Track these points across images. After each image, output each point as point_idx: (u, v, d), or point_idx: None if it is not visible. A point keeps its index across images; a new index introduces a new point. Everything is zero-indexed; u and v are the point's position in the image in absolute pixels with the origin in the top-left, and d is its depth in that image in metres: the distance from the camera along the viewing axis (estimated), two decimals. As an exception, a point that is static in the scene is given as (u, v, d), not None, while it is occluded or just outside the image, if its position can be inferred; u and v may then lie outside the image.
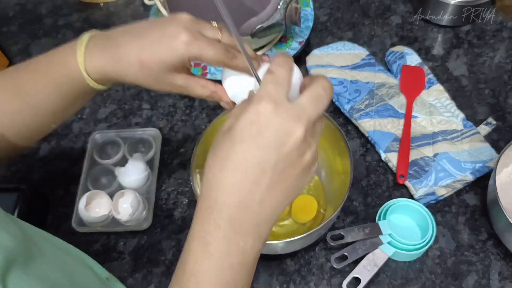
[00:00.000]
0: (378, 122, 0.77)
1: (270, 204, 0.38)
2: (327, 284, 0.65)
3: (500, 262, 0.66)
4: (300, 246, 0.64)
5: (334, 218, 0.61)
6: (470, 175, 0.71)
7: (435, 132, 0.76)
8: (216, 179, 0.38)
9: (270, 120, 0.36)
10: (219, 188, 0.37)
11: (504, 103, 0.81)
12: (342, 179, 0.66)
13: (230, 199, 0.37)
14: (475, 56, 0.87)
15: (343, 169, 0.66)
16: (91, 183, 0.73)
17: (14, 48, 0.94)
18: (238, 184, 0.37)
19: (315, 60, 0.85)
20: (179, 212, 0.72)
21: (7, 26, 0.98)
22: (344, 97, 0.80)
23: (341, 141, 0.64)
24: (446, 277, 0.65)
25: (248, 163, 0.37)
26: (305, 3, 0.90)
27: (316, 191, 0.72)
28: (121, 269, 0.68)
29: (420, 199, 0.70)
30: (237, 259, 0.38)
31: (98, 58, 0.47)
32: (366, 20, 0.94)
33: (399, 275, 0.66)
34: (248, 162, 0.37)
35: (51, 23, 0.98)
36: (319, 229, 0.58)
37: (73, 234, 0.70)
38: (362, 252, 0.64)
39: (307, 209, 0.70)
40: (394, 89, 0.81)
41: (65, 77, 0.48)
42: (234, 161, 0.37)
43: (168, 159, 0.78)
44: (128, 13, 0.98)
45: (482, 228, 0.69)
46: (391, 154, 0.74)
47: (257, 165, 0.37)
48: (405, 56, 0.85)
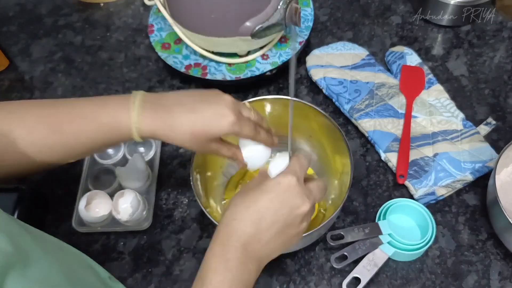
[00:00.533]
0: (378, 122, 0.77)
1: (272, 247, 0.49)
2: (327, 284, 0.65)
3: (500, 262, 0.66)
4: (300, 246, 0.64)
5: (334, 218, 0.61)
6: (470, 175, 0.71)
7: (435, 132, 0.76)
8: (239, 213, 0.48)
9: (293, 188, 0.48)
10: (241, 220, 0.48)
11: (504, 103, 0.81)
12: (342, 179, 0.66)
13: (248, 230, 0.47)
14: (475, 56, 0.87)
15: (343, 169, 0.66)
16: (91, 183, 0.73)
17: (14, 48, 0.94)
18: (257, 222, 0.48)
19: (315, 60, 0.85)
20: (179, 212, 0.72)
21: (7, 26, 0.98)
22: (344, 97, 0.80)
23: (341, 141, 0.64)
24: (446, 277, 0.65)
25: (268, 210, 0.48)
26: (305, 3, 0.90)
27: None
28: (121, 269, 0.68)
29: (420, 199, 0.70)
30: (246, 277, 0.47)
31: (151, 121, 0.53)
32: (366, 20, 0.94)
33: (399, 275, 0.66)
34: (269, 209, 0.48)
35: (51, 23, 0.98)
36: (319, 229, 0.58)
37: (73, 234, 0.70)
38: (362, 252, 0.64)
39: None
40: (394, 89, 0.81)
41: (112, 128, 0.53)
42: (258, 205, 0.48)
43: (168, 159, 0.78)
44: (128, 13, 0.98)
45: (482, 228, 0.69)
46: (391, 154, 0.74)
47: (274, 214, 0.48)
48: (405, 56, 0.85)
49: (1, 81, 0.90)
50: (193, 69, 0.83)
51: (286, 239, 0.50)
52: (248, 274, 0.47)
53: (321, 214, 0.70)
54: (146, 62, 0.91)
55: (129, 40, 0.94)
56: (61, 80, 0.89)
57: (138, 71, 0.89)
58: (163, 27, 0.88)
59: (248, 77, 0.81)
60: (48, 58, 0.93)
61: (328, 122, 0.66)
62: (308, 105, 0.67)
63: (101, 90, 0.87)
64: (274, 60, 0.83)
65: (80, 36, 0.95)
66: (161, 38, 0.87)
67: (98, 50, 0.93)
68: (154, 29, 0.88)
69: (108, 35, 0.95)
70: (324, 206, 0.70)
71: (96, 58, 0.92)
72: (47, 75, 0.90)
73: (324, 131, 0.68)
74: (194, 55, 0.85)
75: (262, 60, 0.83)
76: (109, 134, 0.54)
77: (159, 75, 0.88)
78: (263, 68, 0.82)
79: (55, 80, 0.89)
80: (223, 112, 0.53)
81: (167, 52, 0.85)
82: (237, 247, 0.47)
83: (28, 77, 0.90)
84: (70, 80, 0.89)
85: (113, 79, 0.89)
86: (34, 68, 0.91)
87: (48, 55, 0.93)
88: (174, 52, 0.85)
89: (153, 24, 0.89)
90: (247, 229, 0.47)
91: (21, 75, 0.91)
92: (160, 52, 0.85)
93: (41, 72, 0.91)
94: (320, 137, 0.70)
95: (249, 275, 0.48)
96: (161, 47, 0.85)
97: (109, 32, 0.96)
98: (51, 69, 0.91)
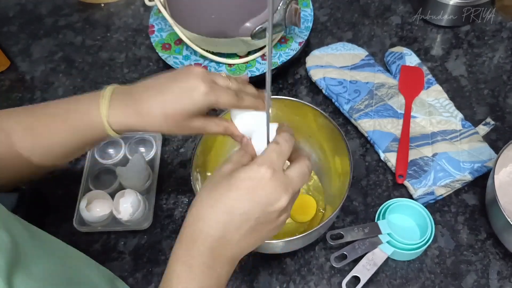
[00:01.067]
0: (378, 122, 0.77)
1: (244, 245, 0.46)
2: (327, 283, 0.66)
3: (499, 261, 0.66)
4: (299, 246, 0.65)
5: (334, 217, 0.61)
6: (469, 175, 0.71)
7: (434, 132, 0.76)
8: (205, 213, 0.44)
9: (266, 183, 0.43)
10: (205, 221, 0.44)
11: (503, 103, 0.81)
12: (341, 179, 0.66)
13: (214, 233, 0.44)
14: (474, 56, 0.87)
15: (343, 169, 0.66)
16: (92, 183, 0.74)
17: (15, 49, 0.95)
18: (223, 223, 0.43)
19: (315, 60, 0.86)
20: (179, 212, 0.73)
21: (7, 26, 0.98)
22: (343, 97, 0.80)
23: (341, 142, 0.64)
24: (446, 277, 0.65)
25: (237, 210, 0.43)
26: (304, 4, 0.90)
27: (315, 192, 0.72)
28: (121, 269, 0.68)
29: (419, 199, 0.70)
30: (214, 281, 0.45)
31: (121, 113, 0.51)
32: (366, 20, 0.94)
33: (398, 274, 0.66)
34: (237, 209, 0.43)
35: (51, 24, 0.98)
36: (319, 228, 0.59)
37: (73, 234, 0.70)
38: (362, 251, 0.65)
39: (306, 209, 0.70)
40: (393, 89, 0.81)
41: (85, 125, 0.52)
42: (225, 204, 0.43)
43: (169, 159, 0.78)
44: (128, 14, 0.99)
45: (481, 227, 0.69)
46: (390, 154, 0.75)
47: (243, 214, 0.43)
48: (404, 57, 0.85)
49: (2, 81, 0.90)
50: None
51: (261, 236, 0.46)
52: (216, 279, 0.45)
53: (320, 214, 0.70)
54: (147, 62, 0.91)
55: (129, 41, 0.94)
56: (62, 80, 0.89)
57: (138, 71, 0.90)
58: (163, 28, 0.88)
59: (248, 77, 0.81)
60: (49, 58, 0.93)
61: (327, 122, 0.66)
62: (307, 105, 0.67)
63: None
64: (273, 60, 0.83)
65: (81, 37, 0.96)
66: (161, 38, 0.87)
67: (98, 51, 0.93)
68: (155, 30, 0.88)
69: (109, 36, 0.95)
70: (323, 206, 0.71)
71: (97, 59, 0.92)
72: (48, 75, 0.90)
73: (324, 131, 0.68)
74: (194, 55, 0.85)
75: (262, 61, 0.83)
76: (84, 133, 0.53)
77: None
78: (263, 69, 0.82)
79: (55, 80, 0.89)
80: (193, 85, 0.49)
81: (167, 52, 0.85)
82: (202, 252, 0.44)
83: (29, 77, 0.90)
84: (71, 80, 0.89)
85: (114, 80, 0.89)
86: (34, 68, 0.91)
87: (48, 55, 0.93)
88: (175, 52, 0.85)
89: (154, 24, 0.89)
90: (213, 232, 0.44)
91: (22, 75, 0.91)
92: (160, 53, 0.85)
93: (42, 72, 0.91)
94: (320, 137, 0.70)
95: (218, 279, 0.45)
96: (161, 47, 0.86)
97: (110, 32, 0.96)
98: (52, 69, 0.91)
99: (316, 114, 0.67)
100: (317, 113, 0.67)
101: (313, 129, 0.70)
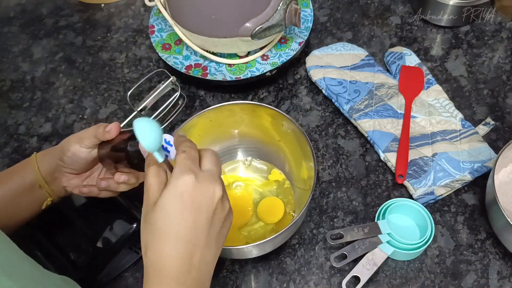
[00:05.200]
0: (378, 122, 0.78)
1: (213, 254, 0.46)
2: (326, 283, 0.66)
3: (499, 261, 0.66)
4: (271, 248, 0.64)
5: (301, 219, 0.61)
6: (469, 175, 0.72)
7: (434, 132, 0.76)
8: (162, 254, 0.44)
9: (196, 186, 0.44)
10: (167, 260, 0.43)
11: (503, 103, 0.81)
12: (308, 183, 0.66)
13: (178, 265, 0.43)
14: (474, 56, 0.87)
15: (308, 173, 0.66)
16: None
17: (16, 49, 0.95)
18: (183, 251, 0.43)
19: (315, 60, 0.86)
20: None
21: (8, 26, 0.99)
22: (343, 97, 0.80)
23: (307, 146, 0.64)
24: (445, 277, 0.65)
25: (187, 229, 0.43)
26: (304, 4, 0.90)
27: (284, 194, 0.72)
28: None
29: (419, 199, 0.70)
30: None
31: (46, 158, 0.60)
32: (366, 20, 0.94)
33: (398, 274, 0.66)
34: (187, 228, 0.43)
35: (52, 24, 0.98)
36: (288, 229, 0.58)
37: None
38: (362, 251, 0.65)
39: (273, 211, 0.70)
40: (393, 89, 0.82)
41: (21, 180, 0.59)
42: (176, 232, 0.43)
43: (169, 159, 0.78)
44: (129, 14, 0.99)
45: (481, 227, 0.69)
46: (390, 154, 0.75)
47: (194, 229, 0.44)
48: (404, 57, 0.85)
49: (3, 81, 0.90)
50: (193, 70, 0.83)
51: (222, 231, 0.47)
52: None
53: (291, 216, 0.70)
54: (147, 62, 0.91)
55: (129, 41, 0.94)
56: (62, 81, 0.90)
57: (138, 71, 0.90)
58: (163, 28, 0.89)
59: (248, 77, 0.82)
60: (49, 59, 0.93)
61: (295, 127, 0.65)
62: (276, 110, 0.66)
63: (102, 90, 0.88)
64: (274, 60, 0.83)
65: (81, 37, 0.96)
66: (161, 38, 0.87)
67: (99, 51, 0.94)
68: (155, 30, 0.88)
69: (109, 36, 0.96)
70: (293, 208, 0.71)
71: (97, 59, 0.92)
72: (48, 75, 0.91)
73: (291, 136, 0.68)
74: (194, 55, 0.85)
75: (262, 61, 0.84)
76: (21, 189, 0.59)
77: (160, 76, 0.88)
78: (263, 69, 0.82)
79: (56, 81, 0.90)
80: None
81: (167, 52, 0.85)
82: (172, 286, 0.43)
83: (29, 77, 0.91)
84: (71, 81, 0.89)
85: (114, 80, 0.89)
86: (35, 69, 0.92)
87: (49, 56, 0.93)
88: (175, 52, 0.85)
89: (154, 24, 0.89)
90: (176, 265, 0.43)
91: (22, 75, 0.91)
92: (160, 53, 0.85)
93: (42, 73, 0.91)
94: (289, 142, 0.70)
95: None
96: (161, 47, 0.86)
97: (110, 32, 0.96)
98: (52, 70, 0.91)
99: (284, 119, 0.67)
100: (284, 117, 0.66)
101: (282, 134, 0.70)
